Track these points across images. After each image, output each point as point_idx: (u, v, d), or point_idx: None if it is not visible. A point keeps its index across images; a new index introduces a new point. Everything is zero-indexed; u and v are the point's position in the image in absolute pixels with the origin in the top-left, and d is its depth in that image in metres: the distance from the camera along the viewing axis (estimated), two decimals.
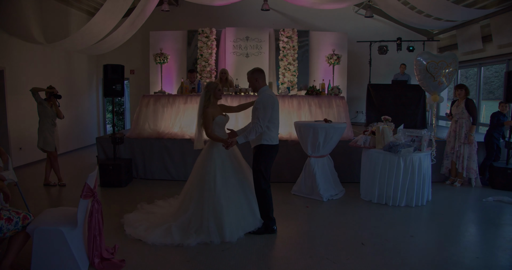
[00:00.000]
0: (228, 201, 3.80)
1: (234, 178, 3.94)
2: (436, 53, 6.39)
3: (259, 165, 3.88)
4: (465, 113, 6.00)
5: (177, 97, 6.61)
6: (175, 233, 3.71)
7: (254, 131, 3.74)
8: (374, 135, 5.53)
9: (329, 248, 3.65)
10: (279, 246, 3.74)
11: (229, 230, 3.72)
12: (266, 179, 3.91)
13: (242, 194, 3.97)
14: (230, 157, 3.98)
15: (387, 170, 5.11)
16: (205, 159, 3.91)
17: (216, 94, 3.95)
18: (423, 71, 6.40)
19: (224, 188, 3.82)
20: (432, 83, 6.43)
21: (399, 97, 9.09)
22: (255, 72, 3.92)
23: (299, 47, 9.53)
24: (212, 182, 3.80)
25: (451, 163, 6.22)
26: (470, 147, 5.98)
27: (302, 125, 5.42)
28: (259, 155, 3.90)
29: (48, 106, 5.73)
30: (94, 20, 7.02)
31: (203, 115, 3.90)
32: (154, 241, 3.64)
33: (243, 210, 3.94)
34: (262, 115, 3.74)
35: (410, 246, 3.73)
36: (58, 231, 2.85)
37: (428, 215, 4.77)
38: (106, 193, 5.59)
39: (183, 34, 9.73)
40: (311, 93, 6.70)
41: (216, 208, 3.74)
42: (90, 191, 3.00)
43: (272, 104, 3.80)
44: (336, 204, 5.16)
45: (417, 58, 6.40)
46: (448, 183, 6.28)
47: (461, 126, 6.03)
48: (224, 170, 3.87)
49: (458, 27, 9.12)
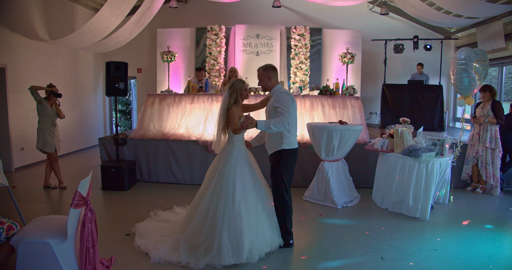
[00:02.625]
0: (248, 214, 3.33)
1: (253, 188, 3.46)
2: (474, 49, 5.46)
3: (281, 174, 3.47)
4: (490, 115, 5.60)
5: (183, 96, 6.32)
6: (182, 250, 3.23)
7: (281, 123, 3.21)
8: (392, 138, 5.17)
9: (345, 263, 3.31)
10: (292, 261, 3.41)
11: (249, 248, 3.20)
12: (288, 190, 3.54)
13: (260, 207, 3.48)
14: (248, 165, 3.53)
15: (405, 176, 4.74)
16: (223, 165, 3.44)
17: (242, 95, 3.53)
18: (467, 71, 5.25)
19: (244, 199, 3.35)
20: (473, 85, 5.37)
21: (415, 98, 8.70)
22: (268, 69, 3.53)
23: (311, 46, 9.18)
24: (230, 192, 3.33)
25: (472, 168, 5.82)
26: (493, 152, 5.59)
27: (315, 127, 5.08)
28: (279, 163, 3.48)
29: (48, 105, 5.49)
30: (98, 16, 6.77)
31: (227, 113, 3.45)
32: (160, 257, 3.20)
33: (264, 225, 3.46)
34: (287, 111, 3.29)
35: (435, 261, 3.37)
36: (45, 244, 2.57)
37: (451, 226, 4.38)
38: (108, 197, 5.32)
39: (191, 31, 9.46)
40: (325, 93, 6.35)
41: (233, 223, 3.25)
42: (82, 199, 2.71)
43: (292, 102, 3.41)
44: (351, 212, 4.81)
45: (458, 55, 5.35)
46: (469, 189, 5.88)
47: (486, 129, 5.63)
48: (243, 179, 3.42)
49: (478, 24, 8.66)
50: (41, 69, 7.58)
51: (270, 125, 3.22)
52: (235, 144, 3.53)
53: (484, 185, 5.74)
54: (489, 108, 5.61)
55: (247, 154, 3.60)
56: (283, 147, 3.48)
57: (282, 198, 3.51)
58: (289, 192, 3.59)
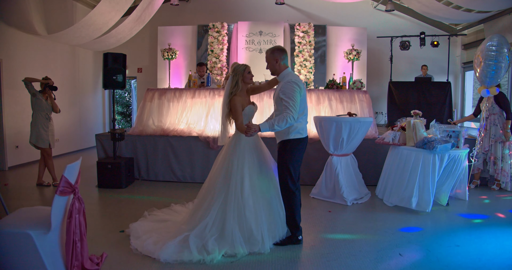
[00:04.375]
0: (258, 204, 3.20)
1: (263, 178, 3.32)
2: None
3: (287, 163, 3.23)
4: (495, 108, 5.32)
5: (184, 91, 6.06)
6: (193, 246, 2.98)
7: (285, 121, 3.06)
8: (404, 131, 4.88)
9: (360, 259, 3.01)
10: (302, 257, 3.11)
11: (260, 238, 3.10)
12: (295, 180, 3.27)
13: (273, 197, 3.35)
14: (258, 154, 3.36)
15: (419, 169, 4.44)
16: (232, 155, 3.27)
17: (245, 78, 3.31)
18: (500, 58, 5.05)
19: (253, 189, 3.21)
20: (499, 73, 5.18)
21: (423, 95, 8.43)
22: (276, 51, 3.27)
23: (315, 48, 8.93)
24: (239, 182, 3.18)
25: (483, 164, 5.52)
26: (503, 146, 5.28)
27: (323, 119, 4.80)
28: (285, 151, 3.25)
29: (42, 99, 5.24)
30: (98, 9, 6.56)
31: (229, 103, 3.27)
32: (168, 258, 2.88)
33: (274, 216, 3.32)
34: (292, 104, 3.08)
35: (459, 257, 3.06)
36: (26, 235, 2.28)
37: (470, 222, 4.06)
38: (104, 194, 5.04)
39: (193, 29, 9.26)
40: (331, 86, 6.09)
41: (242, 213, 3.13)
42: (69, 186, 2.43)
43: (299, 92, 3.15)
44: (362, 209, 4.51)
45: (489, 42, 5.17)
46: (472, 187, 5.53)
47: (493, 123, 5.34)
48: (252, 169, 3.26)
49: (486, 20, 8.43)
50: (38, 65, 7.36)
51: (274, 125, 3.10)
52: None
53: (498, 181, 5.43)
54: (493, 101, 5.33)
55: (257, 141, 3.39)
56: (290, 136, 3.24)
57: (287, 188, 3.24)
58: (297, 183, 3.31)
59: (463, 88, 10.16)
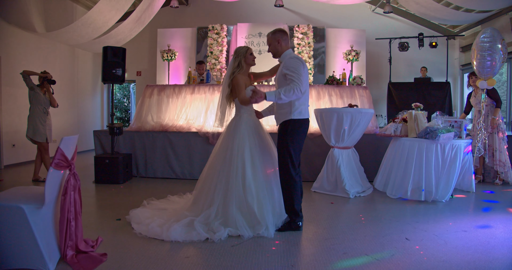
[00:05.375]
0: (261, 189, 3.14)
1: (264, 162, 3.26)
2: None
3: (287, 145, 3.13)
4: (487, 99, 5.30)
5: (183, 86, 6.03)
6: (199, 229, 2.97)
7: (292, 91, 2.94)
8: (405, 123, 4.84)
9: (366, 243, 2.91)
10: (303, 241, 3.02)
11: (265, 223, 3.03)
12: (295, 165, 3.18)
13: (271, 182, 3.29)
14: (259, 138, 3.29)
15: (423, 160, 4.36)
16: (232, 138, 3.21)
17: (247, 59, 3.28)
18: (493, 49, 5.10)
19: (255, 174, 3.14)
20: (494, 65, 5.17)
21: (423, 96, 8.41)
22: (277, 32, 3.24)
23: (313, 56, 8.93)
24: (240, 166, 3.11)
25: (479, 159, 5.46)
26: (499, 137, 5.24)
27: (324, 110, 4.75)
28: (286, 133, 3.15)
29: (40, 92, 5.18)
30: (97, 8, 6.57)
31: (232, 81, 3.23)
32: (177, 237, 2.87)
33: (275, 201, 3.26)
34: (297, 77, 2.99)
35: (467, 241, 2.96)
36: (18, 209, 2.19)
37: (477, 211, 3.96)
38: (101, 189, 4.93)
39: (192, 31, 9.28)
40: (331, 82, 6.06)
41: (244, 197, 3.07)
42: (65, 159, 2.35)
43: (303, 67, 3.09)
44: (365, 201, 4.41)
45: (483, 34, 5.26)
46: (475, 182, 5.44)
47: (487, 114, 5.32)
48: (253, 153, 3.19)
49: (483, 21, 8.48)
50: (37, 65, 7.29)
51: (281, 94, 2.95)
52: (242, 116, 3.29)
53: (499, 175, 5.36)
54: (485, 93, 5.32)
55: (257, 126, 3.34)
56: (291, 116, 3.15)
57: (288, 172, 3.15)
58: (297, 168, 3.22)
59: (462, 90, 10.15)
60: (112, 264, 2.45)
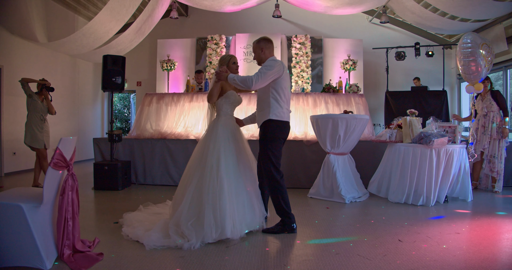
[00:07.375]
0: (231, 188, 3.11)
1: (237, 164, 3.24)
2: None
3: (266, 148, 3.20)
4: (494, 105, 5.33)
5: (182, 95, 6.13)
6: (172, 233, 2.95)
7: (246, 78, 3.05)
8: (400, 129, 4.91)
9: (359, 245, 2.95)
10: (297, 243, 3.05)
11: (232, 223, 2.98)
12: (277, 167, 3.23)
13: (243, 185, 3.25)
14: (234, 140, 3.31)
15: (417, 165, 4.42)
16: (208, 139, 3.26)
17: (230, 68, 3.40)
18: (474, 54, 5.07)
19: (228, 173, 3.13)
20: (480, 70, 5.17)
21: (420, 104, 8.50)
22: (261, 41, 3.35)
23: (312, 67, 9.07)
24: (215, 165, 3.11)
25: (473, 165, 5.45)
26: (500, 144, 5.27)
27: (319, 117, 4.82)
28: (265, 135, 3.23)
29: (38, 100, 5.27)
30: (98, 18, 6.72)
31: (210, 81, 3.36)
32: (154, 243, 2.84)
33: (245, 203, 3.21)
34: (261, 74, 3.09)
35: (460, 242, 3.00)
36: (17, 207, 2.25)
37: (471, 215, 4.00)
38: (100, 196, 4.98)
39: (191, 42, 9.44)
40: (327, 90, 6.15)
41: (217, 198, 3.01)
42: (63, 159, 2.42)
43: (279, 68, 3.17)
44: (360, 206, 4.45)
45: (463, 40, 5.21)
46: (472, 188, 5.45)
47: (492, 120, 5.33)
48: (228, 154, 3.19)
49: (479, 31, 8.61)
50: (38, 74, 7.38)
51: (235, 77, 3.11)
52: (220, 118, 3.38)
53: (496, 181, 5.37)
54: (490, 98, 5.37)
55: (234, 129, 3.39)
56: (270, 117, 3.23)
57: (273, 178, 3.21)
58: (280, 172, 3.27)
59: (459, 99, 10.25)
60: (108, 263, 2.50)
